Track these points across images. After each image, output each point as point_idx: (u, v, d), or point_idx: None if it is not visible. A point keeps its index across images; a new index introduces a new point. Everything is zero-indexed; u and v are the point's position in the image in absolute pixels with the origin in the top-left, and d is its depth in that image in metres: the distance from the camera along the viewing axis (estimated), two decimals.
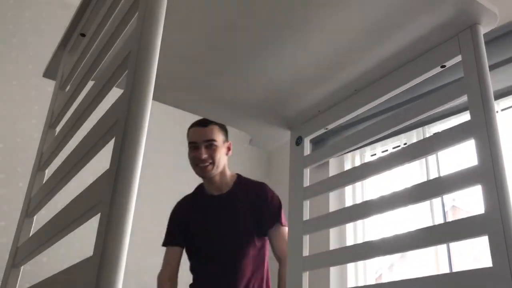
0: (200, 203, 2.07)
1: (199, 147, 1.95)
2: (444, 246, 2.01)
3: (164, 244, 2.08)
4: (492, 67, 1.84)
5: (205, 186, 2.08)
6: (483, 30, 0.95)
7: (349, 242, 2.50)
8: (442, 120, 2.14)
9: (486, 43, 0.96)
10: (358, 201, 2.56)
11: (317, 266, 1.22)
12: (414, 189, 0.99)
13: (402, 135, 2.31)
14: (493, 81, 0.93)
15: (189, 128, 2.04)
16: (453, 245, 2.00)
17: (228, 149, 2.06)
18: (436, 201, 2.14)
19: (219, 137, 1.98)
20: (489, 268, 0.81)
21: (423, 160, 2.24)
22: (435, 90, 1.84)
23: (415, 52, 1.05)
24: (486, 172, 0.85)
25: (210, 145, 1.96)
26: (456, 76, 1.59)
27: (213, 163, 1.97)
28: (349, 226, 2.55)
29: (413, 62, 1.07)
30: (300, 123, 1.38)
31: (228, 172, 2.07)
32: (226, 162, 2.05)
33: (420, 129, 2.26)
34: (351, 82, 1.19)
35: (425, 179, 1.95)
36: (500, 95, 1.95)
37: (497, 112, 1.98)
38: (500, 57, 1.91)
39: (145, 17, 0.60)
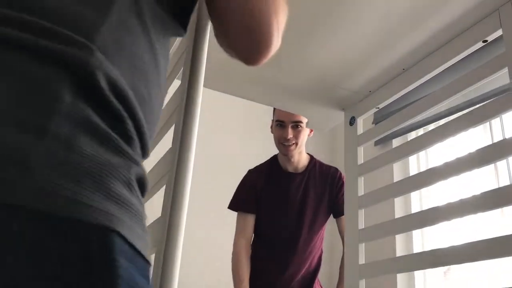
0: (275, 176, 2.14)
1: (286, 127, 2.04)
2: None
3: (237, 210, 2.13)
4: None
5: (280, 162, 2.16)
6: None
7: (415, 210, 2.49)
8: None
9: None
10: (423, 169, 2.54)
11: (373, 237, 1.29)
12: (479, 153, 0.99)
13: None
14: None
15: None
16: None
17: (311, 131, 2.14)
18: (502, 165, 2.09)
19: (305, 119, 2.05)
20: None
21: (487, 125, 2.20)
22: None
23: (458, 28, 1.08)
24: None
25: (296, 126, 2.05)
26: None
27: (296, 143, 2.06)
28: (415, 195, 2.53)
29: (456, 38, 1.10)
30: (352, 104, 1.44)
31: (304, 153, 2.17)
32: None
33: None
34: (398, 61, 1.24)
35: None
36: None
37: None
38: None
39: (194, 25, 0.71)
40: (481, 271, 2.08)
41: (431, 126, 2.48)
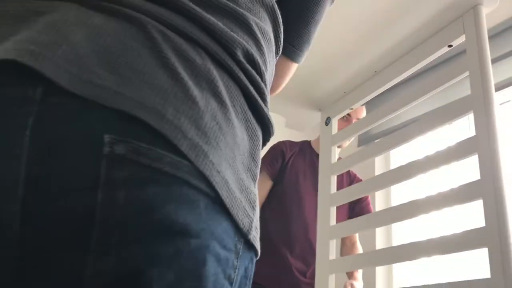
0: (308, 152, 2.12)
1: (351, 122, 1.97)
2: None
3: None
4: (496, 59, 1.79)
5: (315, 147, 2.12)
6: (484, 10, 1.01)
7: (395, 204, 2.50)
8: None
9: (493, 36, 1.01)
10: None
11: (343, 234, 1.33)
12: (456, 147, 1.00)
13: None
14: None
15: None
16: None
17: None
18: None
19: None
20: (487, 279, 0.86)
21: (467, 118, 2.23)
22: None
23: (425, 33, 1.13)
24: (482, 142, 0.93)
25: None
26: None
27: None
28: (395, 190, 2.55)
29: (424, 43, 1.15)
30: (328, 105, 1.48)
31: None
32: None
33: None
34: (370, 65, 1.28)
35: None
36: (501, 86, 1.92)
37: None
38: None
39: None
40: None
41: None
